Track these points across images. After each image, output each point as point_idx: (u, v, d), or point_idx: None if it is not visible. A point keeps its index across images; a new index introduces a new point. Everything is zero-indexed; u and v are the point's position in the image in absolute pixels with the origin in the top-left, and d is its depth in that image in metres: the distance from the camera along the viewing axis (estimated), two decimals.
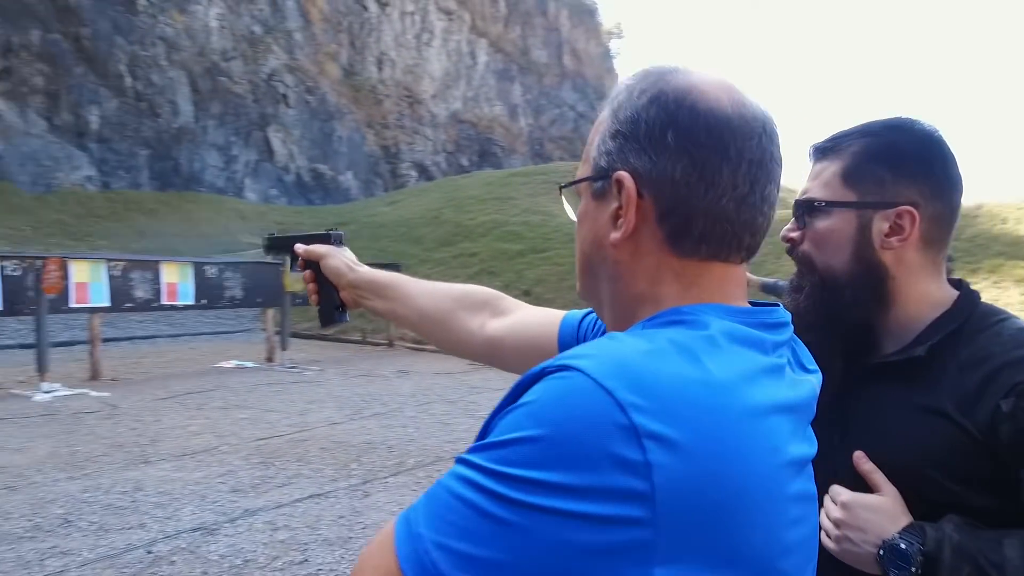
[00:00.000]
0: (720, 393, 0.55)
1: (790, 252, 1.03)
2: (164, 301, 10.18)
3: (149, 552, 3.74)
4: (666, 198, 0.63)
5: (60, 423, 6.82)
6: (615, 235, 0.65)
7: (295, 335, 12.38)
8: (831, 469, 0.92)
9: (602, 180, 0.66)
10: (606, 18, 53.10)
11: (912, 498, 0.90)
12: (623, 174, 0.64)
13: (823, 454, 1.00)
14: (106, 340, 10.54)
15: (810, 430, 0.67)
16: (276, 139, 28.66)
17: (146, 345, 13.14)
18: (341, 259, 1.17)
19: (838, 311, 0.98)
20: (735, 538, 0.53)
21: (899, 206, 0.95)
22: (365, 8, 34.79)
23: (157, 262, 10.31)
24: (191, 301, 10.47)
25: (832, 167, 1.00)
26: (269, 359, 11.12)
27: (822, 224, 0.99)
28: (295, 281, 11.12)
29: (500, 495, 0.50)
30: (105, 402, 7.81)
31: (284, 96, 29.32)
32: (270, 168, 28.33)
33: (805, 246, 1.01)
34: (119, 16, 23.89)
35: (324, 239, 1.19)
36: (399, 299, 1.13)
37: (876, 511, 0.90)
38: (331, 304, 1.17)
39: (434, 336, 1.14)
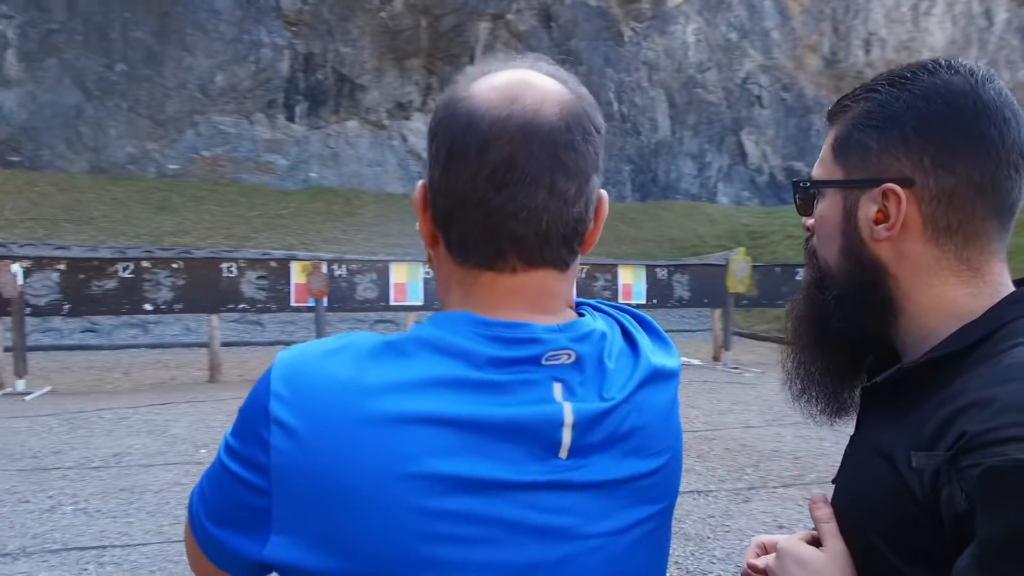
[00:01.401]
0: (352, 396, 0.58)
1: (806, 244, 0.85)
2: (620, 300, 11.37)
3: None
4: (435, 208, 0.65)
5: None
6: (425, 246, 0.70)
7: (753, 336, 12.43)
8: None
9: None
10: None
11: (859, 567, 0.70)
12: (419, 184, 0.68)
13: None
14: None
15: (532, 453, 0.60)
16: (749, 141, 28.79)
17: None
18: None
19: (825, 318, 0.79)
20: (341, 529, 0.56)
21: (884, 183, 0.71)
22: None
23: (615, 265, 11.58)
24: (642, 300, 11.43)
25: (830, 137, 0.79)
26: (715, 358, 11.37)
27: (818, 209, 0.80)
28: (739, 282, 11.06)
29: (220, 450, 0.65)
30: None
31: (758, 97, 29.23)
32: (743, 171, 28.63)
33: (815, 238, 0.82)
34: (609, 50, 27.16)
35: None
36: None
37: (805, 567, 0.72)
38: None
39: None
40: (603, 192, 0.69)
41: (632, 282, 11.41)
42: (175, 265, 9.52)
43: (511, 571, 0.59)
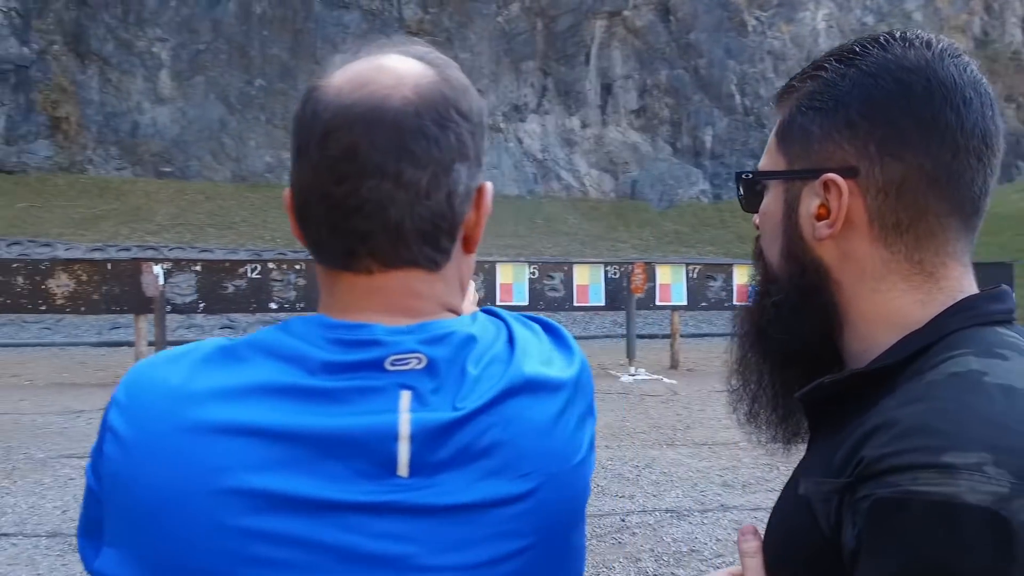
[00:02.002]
0: (175, 403, 0.54)
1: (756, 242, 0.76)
2: (735, 302, 10.91)
3: (622, 520, 4.26)
4: (295, 207, 0.61)
5: (629, 401, 8.08)
6: None
7: None
8: None
9: None
10: None
11: None
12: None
13: None
14: (692, 335, 11.80)
15: (362, 470, 0.54)
16: None
17: None
18: None
19: (764, 327, 0.69)
20: (157, 546, 0.53)
21: (825, 173, 0.63)
22: None
23: (730, 265, 11.15)
24: None
25: (776, 124, 0.71)
26: None
27: (763, 204, 0.71)
28: None
29: None
30: (670, 388, 8.86)
31: None
32: None
33: (761, 237, 0.73)
34: (731, 41, 26.19)
35: None
36: None
37: None
38: None
39: None
40: (486, 184, 0.64)
41: (748, 283, 10.94)
42: (297, 267, 10.10)
43: None
